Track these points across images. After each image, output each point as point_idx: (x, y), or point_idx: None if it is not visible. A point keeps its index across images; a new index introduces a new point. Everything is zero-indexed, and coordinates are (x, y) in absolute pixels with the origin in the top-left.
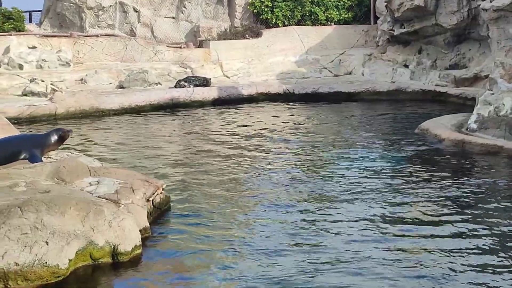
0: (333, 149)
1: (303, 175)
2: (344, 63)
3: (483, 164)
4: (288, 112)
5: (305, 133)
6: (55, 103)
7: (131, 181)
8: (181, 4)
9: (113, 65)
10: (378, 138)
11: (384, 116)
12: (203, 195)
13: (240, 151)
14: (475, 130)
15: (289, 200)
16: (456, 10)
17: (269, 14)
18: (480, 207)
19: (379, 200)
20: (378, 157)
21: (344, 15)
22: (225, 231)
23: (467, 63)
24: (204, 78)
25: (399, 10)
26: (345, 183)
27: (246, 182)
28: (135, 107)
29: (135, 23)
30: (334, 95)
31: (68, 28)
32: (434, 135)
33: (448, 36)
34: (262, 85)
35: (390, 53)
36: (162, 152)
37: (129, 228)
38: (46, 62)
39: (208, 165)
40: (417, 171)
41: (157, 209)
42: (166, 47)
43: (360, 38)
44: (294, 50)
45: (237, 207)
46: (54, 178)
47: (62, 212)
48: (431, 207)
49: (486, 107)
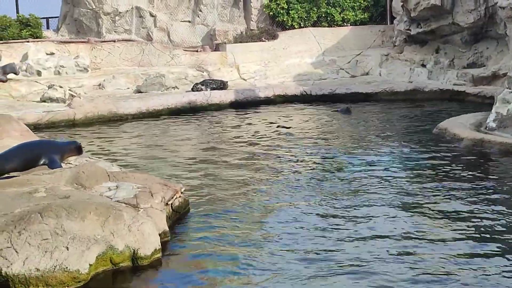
0: (352, 150)
1: (322, 177)
2: (361, 64)
3: (503, 163)
4: (305, 113)
5: (323, 134)
6: (73, 109)
7: (149, 185)
8: (197, 8)
9: (131, 70)
10: (396, 138)
11: (402, 116)
12: (222, 198)
13: (259, 153)
14: (494, 128)
15: (308, 203)
16: (473, 9)
17: (285, 16)
18: (500, 207)
19: (399, 202)
20: (397, 158)
21: (360, 15)
22: (244, 234)
23: (485, 61)
24: (221, 81)
25: (415, 9)
26: (364, 184)
27: (265, 185)
28: (153, 111)
29: (152, 27)
30: (351, 96)
31: (85, 34)
32: (452, 134)
33: (465, 35)
34: (279, 87)
35: (407, 53)
36: (180, 155)
37: (149, 232)
38: (64, 68)
39: (227, 168)
40: (436, 171)
41: (176, 212)
42: (182, 51)
43: (377, 39)
44: (310, 51)
45: (256, 210)
46: (73, 184)
47: (82, 217)
48: (451, 208)
49: (504, 106)
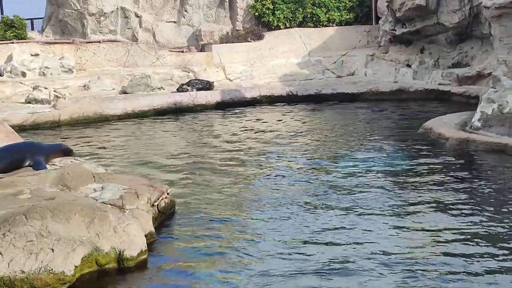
0: (337, 150)
1: (308, 178)
2: (347, 64)
3: (488, 162)
4: (291, 114)
5: (309, 135)
6: (58, 110)
7: (135, 186)
8: (182, 8)
9: (116, 71)
10: (382, 138)
11: (388, 116)
12: (208, 199)
13: (244, 154)
14: (479, 128)
15: (294, 204)
16: (458, 9)
17: (271, 16)
18: (485, 207)
19: (384, 201)
20: (383, 157)
21: (346, 16)
22: (230, 235)
23: (469, 61)
24: (207, 82)
25: (400, 10)
26: (350, 185)
27: (251, 186)
28: (139, 112)
29: (137, 28)
30: (337, 96)
31: (70, 34)
32: (438, 134)
33: (450, 35)
34: (265, 88)
35: (392, 53)
36: (166, 156)
37: (134, 233)
38: (49, 69)
39: (213, 169)
40: (422, 170)
41: (162, 213)
42: (168, 52)
43: (362, 39)
44: (296, 52)
45: (242, 211)
46: (58, 185)
47: (67, 218)
48: (436, 206)
49: (489, 105)
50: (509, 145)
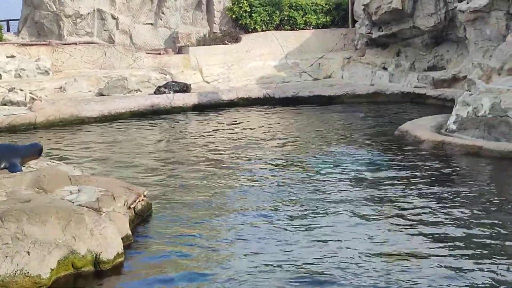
0: (312, 153)
1: (285, 181)
2: (324, 67)
3: (463, 164)
4: (268, 116)
5: (285, 137)
6: (34, 112)
7: (112, 189)
8: (159, 11)
9: (92, 73)
10: (358, 141)
11: (364, 119)
12: (185, 201)
13: (221, 156)
14: (454, 131)
15: (271, 206)
16: (433, 12)
17: (248, 19)
18: (458, 208)
19: (360, 204)
20: (359, 160)
21: (323, 19)
22: (207, 237)
23: (445, 64)
24: (184, 84)
25: (376, 13)
26: (327, 187)
27: (227, 188)
28: (115, 114)
29: (114, 30)
30: (314, 99)
31: (46, 36)
32: (413, 136)
33: (426, 38)
34: (242, 90)
35: (369, 56)
36: (143, 159)
37: (111, 236)
38: (25, 71)
39: (190, 172)
40: (397, 173)
41: (139, 216)
42: (145, 54)
43: (339, 42)
44: (273, 54)
45: (218, 213)
46: (34, 187)
47: (43, 221)
48: (410, 209)
49: (464, 108)
50: (483, 147)
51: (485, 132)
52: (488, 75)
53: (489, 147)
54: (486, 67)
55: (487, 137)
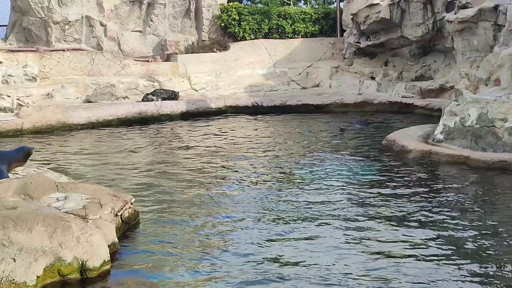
0: (300, 161)
1: (272, 190)
2: (312, 76)
3: (450, 174)
4: (256, 125)
5: (273, 145)
6: (21, 118)
7: (99, 196)
8: (148, 18)
9: (80, 80)
10: (346, 150)
11: (352, 128)
12: (172, 209)
13: (209, 164)
14: (442, 140)
15: (258, 214)
16: (421, 22)
17: (236, 27)
18: (444, 218)
19: (347, 215)
20: (346, 169)
21: (311, 28)
22: (194, 245)
23: (432, 74)
24: (172, 92)
25: (365, 22)
26: (314, 197)
27: (215, 196)
28: (103, 121)
29: (102, 37)
30: (302, 108)
31: (34, 42)
32: (401, 146)
33: (414, 48)
34: (230, 98)
35: (357, 66)
36: (130, 166)
37: (98, 243)
38: (12, 77)
39: (177, 180)
40: (384, 182)
41: (125, 224)
42: (133, 61)
43: (327, 51)
44: (262, 63)
45: (206, 222)
46: (21, 194)
47: (30, 228)
48: (396, 218)
49: (452, 118)
50: (470, 157)
51: (472, 142)
52: (475, 86)
53: (476, 157)
54: (473, 77)
55: (474, 147)
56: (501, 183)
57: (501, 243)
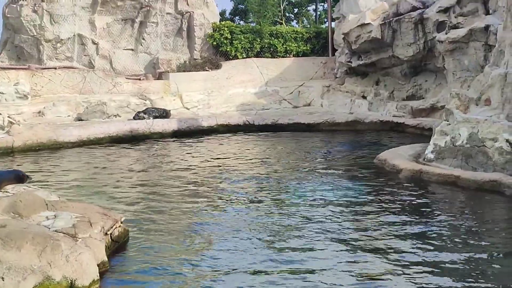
0: (291, 181)
1: (260, 208)
2: (303, 95)
3: (440, 193)
4: (248, 143)
5: (264, 164)
6: (12, 136)
7: (89, 215)
8: (140, 36)
9: (72, 98)
10: (337, 169)
11: (343, 147)
12: (162, 228)
13: (199, 183)
14: (432, 160)
15: (248, 233)
16: (412, 42)
17: (229, 46)
18: (435, 237)
19: (336, 230)
20: (337, 188)
21: (303, 47)
22: (183, 264)
23: (423, 94)
24: (163, 110)
25: (356, 42)
26: (304, 214)
27: (205, 215)
28: (94, 139)
29: (94, 55)
30: (293, 126)
31: (26, 60)
32: (392, 165)
33: (405, 68)
34: (222, 117)
35: (348, 85)
36: (120, 184)
37: (87, 262)
38: (4, 94)
39: (167, 198)
40: (375, 201)
41: (115, 242)
42: (125, 79)
43: (319, 70)
44: (253, 82)
45: (196, 241)
46: (10, 212)
47: (19, 247)
48: (386, 237)
49: (442, 137)
50: (461, 177)
51: (462, 162)
52: (466, 105)
53: (467, 176)
54: (464, 97)
55: (464, 166)
56: (491, 203)
57: (494, 263)
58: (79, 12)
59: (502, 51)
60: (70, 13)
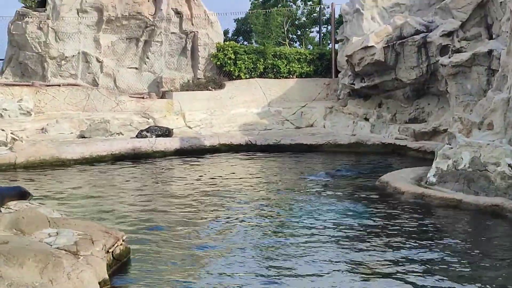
0: (293, 203)
1: (262, 229)
2: (306, 116)
3: (442, 217)
4: (249, 163)
5: (266, 185)
6: (15, 153)
7: (90, 232)
8: (144, 55)
9: (75, 115)
10: (338, 191)
11: (345, 168)
12: (163, 246)
13: (201, 202)
14: (434, 183)
15: (250, 252)
16: (416, 65)
17: (232, 66)
18: (436, 260)
19: (337, 253)
20: (338, 210)
21: (306, 68)
22: (184, 283)
23: (426, 117)
24: (166, 129)
25: (359, 64)
26: (306, 236)
27: (207, 234)
28: (96, 157)
29: (98, 73)
30: (296, 147)
31: (30, 77)
32: (394, 188)
33: (408, 91)
34: (224, 136)
35: (351, 106)
36: (122, 202)
37: (88, 280)
38: (7, 111)
39: (169, 217)
40: (377, 224)
41: (117, 260)
42: (128, 97)
43: (322, 91)
44: (256, 102)
45: (197, 260)
46: (12, 229)
47: (21, 263)
48: (388, 260)
49: (445, 161)
50: (463, 201)
51: (464, 186)
52: (469, 129)
53: (468, 200)
54: (467, 121)
55: (466, 190)
56: (493, 227)
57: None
58: (84, 30)
59: (505, 76)
60: (75, 31)
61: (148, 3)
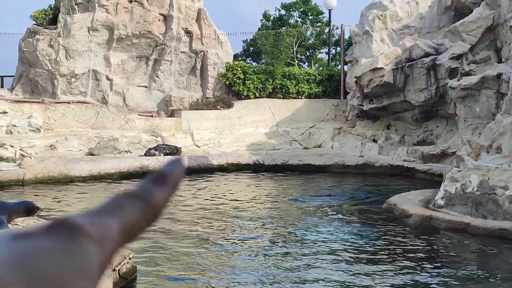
0: (299, 224)
1: (268, 249)
2: (314, 136)
3: (449, 240)
4: (257, 183)
5: (274, 205)
6: (23, 169)
7: None
8: (154, 74)
9: (84, 132)
10: (345, 212)
11: (352, 190)
12: (170, 265)
13: (208, 221)
14: (442, 206)
15: (257, 272)
16: (424, 88)
17: (241, 86)
18: (443, 284)
19: (343, 275)
20: (345, 231)
21: (315, 89)
22: None
23: (434, 139)
24: (174, 147)
25: (368, 86)
26: (312, 258)
27: (214, 253)
28: (104, 174)
29: (107, 91)
30: (303, 167)
31: (40, 94)
32: (401, 210)
33: (416, 113)
34: (232, 156)
35: (359, 128)
36: None
37: None
38: (16, 127)
39: (175, 236)
40: (384, 247)
41: (123, 279)
42: (137, 116)
43: (330, 112)
44: (265, 122)
45: (203, 276)
46: None
47: None
48: (395, 283)
49: (453, 184)
50: (471, 224)
51: (472, 209)
52: (477, 153)
53: (476, 224)
54: (475, 144)
55: (474, 214)
56: (501, 252)
57: None
58: (95, 48)
59: None
60: (86, 49)
61: (158, 22)
